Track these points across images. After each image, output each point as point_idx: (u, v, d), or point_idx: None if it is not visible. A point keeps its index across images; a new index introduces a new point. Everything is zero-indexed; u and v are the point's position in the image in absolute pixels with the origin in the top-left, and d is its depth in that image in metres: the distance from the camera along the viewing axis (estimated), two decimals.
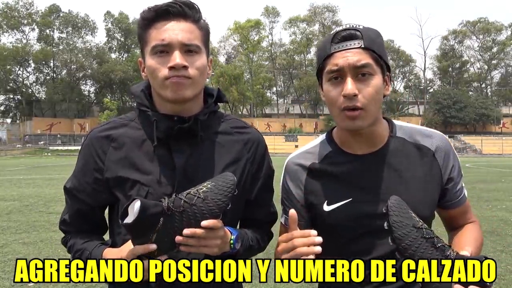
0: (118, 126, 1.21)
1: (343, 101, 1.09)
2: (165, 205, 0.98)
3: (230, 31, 61.51)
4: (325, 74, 1.14)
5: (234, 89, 54.69)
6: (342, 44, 1.10)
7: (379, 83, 1.11)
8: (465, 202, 1.28)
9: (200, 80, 1.14)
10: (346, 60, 1.08)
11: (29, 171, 19.44)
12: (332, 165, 1.22)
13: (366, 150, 1.20)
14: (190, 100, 1.15)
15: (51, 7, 58.08)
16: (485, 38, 63.49)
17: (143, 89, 1.21)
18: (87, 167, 1.20)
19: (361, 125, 1.11)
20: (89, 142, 1.20)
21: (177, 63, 1.08)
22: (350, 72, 1.08)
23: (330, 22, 62.53)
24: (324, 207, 1.20)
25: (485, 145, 48.12)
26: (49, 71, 59.67)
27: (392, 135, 1.22)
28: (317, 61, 1.19)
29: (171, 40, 1.09)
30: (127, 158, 1.17)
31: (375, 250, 1.17)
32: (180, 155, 1.16)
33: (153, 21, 1.12)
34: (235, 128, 1.27)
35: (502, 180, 14.90)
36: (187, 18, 1.12)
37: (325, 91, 1.15)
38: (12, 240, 5.76)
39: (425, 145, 1.22)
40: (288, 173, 1.29)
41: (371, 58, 1.10)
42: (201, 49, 1.14)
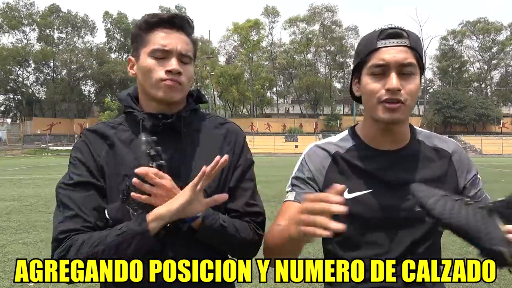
0: (108, 128, 1.28)
1: (385, 94, 1.13)
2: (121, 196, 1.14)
3: (230, 32, 61.59)
4: (368, 67, 1.17)
5: (234, 89, 54.72)
6: (390, 40, 1.14)
7: (418, 83, 1.16)
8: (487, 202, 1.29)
9: (188, 87, 1.27)
10: (394, 56, 1.12)
11: (29, 171, 19.45)
12: (356, 157, 1.26)
13: (390, 147, 1.24)
14: (176, 103, 1.25)
15: (51, 7, 58.09)
16: (485, 38, 63.49)
17: (129, 93, 1.32)
18: (86, 158, 1.22)
19: (399, 118, 1.15)
20: (85, 137, 1.27)
21: (174, 68, 1.19)
22: (395, 69, 1.12)
23: (330, 22, 62.58)
24: (345, 194, 1.21)
25: (485, 145, 48.11)
26: (49, 71, 59.69)
27: (413, 137, 1.28)
28: (358, 55, 1.21)
29: (172, 47, 1.20)
30: (119, 155, 1.22)
31: (391, 242, 1.19)
32: (166, 151, 1.20)
33: (156, 26, 1.22)
34: (215, 124, 1.35)
35: (502, 180, 14.90)
36: (185, 31, 1.25)
37: (365, 84, 1.18)
38: (12, 240, 5.77)
39: (443, 148, 1.28)
40: (310, 156, 1.30)
41: (415, 58, 1.14)
42: (192, 60, 1.27)
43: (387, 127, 1.20)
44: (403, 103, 1.13)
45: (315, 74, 62.19)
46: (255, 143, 45.58)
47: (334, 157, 1.27)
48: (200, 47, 58.66)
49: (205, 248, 1.20)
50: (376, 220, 1.20)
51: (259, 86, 59.26)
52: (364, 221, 1.20)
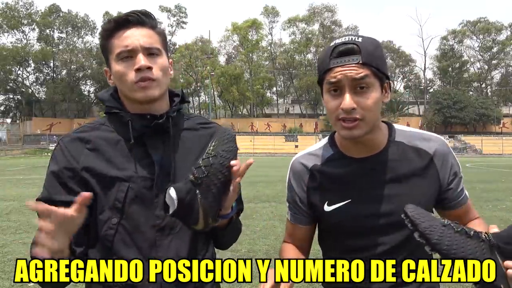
0: (89, 130, 1.25)
1: (341, 113, 1.13)
2: (192, 179, 1.05)
3: (229, 32, 61.59)
4: (325, 85, 1.17)
5: (234, 89, 54.72)
6: (341, 59, 1.12)
7: (377, 95, 1.14)
8: (467, 201, 1.32)
9: (164, 80, 1.23)
10: (345, 75, 1.11)
11: (29, 171, 19.46)
12: (333, 167, 1.27)
13: (365, 154, 1.24)
14: (158, 99, 1.23)
15: (51, 7, 58.09)
16: (485, 38, 63.45)
17: (112, 93, 1.28)
18: (61, 172, 1.18)
19: (359, 134, 1.15)
20: (61, 146, 1.22)
21: (142, 65, 1.17)
22: (348, 86, 1.12)
23: (330, 22, 62.57)
24: (325, 208, 1.26)
25: (485, 145, 48.11)
26: (49, 71, 59.70)
27: (391, 140, 1.26)
28: (318, 71, 1.22)
29: (134, 45, 1.18)
30: (104, 157, 1.20)
31: (374, 248, 1.21)
32: (156, 151, 1.22)
33: (114, 30, 1.21)
34: (200, 124, 1.36)
35: (502, 180, 14.91)
36: (145, 25, 1.22)
37: (325, 101, 1.20)
38: (12, 240, 5.77)
39: (423, 149, 1.26)
40: (293, 172, 1.35)
41: (370, 71, 1.12)
42: (161, 51, 1.23)
43: (354, 140, 1.20)
44: (361, 120, 1.13)
45: (315, 74, 61.93)
46: (255, 143, 45.60)
47: (311, 172, 1.30)
48: (200, 47, 58.67)
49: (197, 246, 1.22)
50: (356, 228, 1.23)
51: (259, 86, 59.26)
52: (347, 230, 1.24)
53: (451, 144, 41.05)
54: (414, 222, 0.96)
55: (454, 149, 47.26)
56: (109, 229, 1.16)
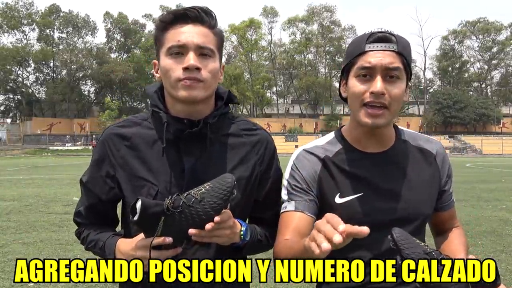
0: (131, 125, 1.25)
1: (368, 97, 1.14)
2: (165, 205, 1.01)
3: (227, 33, 61.48)
4: (355, 69, 1.17)
5: (234, 89, 54.67)
6: (378, 44, 1.14)
7: (403, 88, 1.17)
8: (453, 205, 1.37)
9: (212, 83, 1.17)
10: (380, 60, 1.12)
11: (29, 171, 19.44)
12: (344, 161, 1.26)
13: (376, 149, 1.25)
14: (201, 101, 1.17)
15: (51, 7, 58.08)
16: (485, 38, 63.46)
17: (156, 90, 1.25)
18: (101, 162, 1.24)
19: (382, 123, 1.16)
20: (104, 138, 1.25)
21: (191, 64, 1.11)
22: (381, 72, 1.13)
23: (329, 22, 62.57)
24: (336, 199, 1.23)
25: (485, 145, 48.11)
26: (49, 71, 59.72)
27: (399, 138, 1.29)
28: (347, 57, 1.22)
29: (187, 41, 1.12)
30: (139, 157, 1.20)
31: (382, 244, 1.20)
32: (189, 157, 1.19)
33: (170, 24, 1.16)
34: (244, 130, 1.29)
35: (502, 180, 14.90)
36: (203, 23, 1.16)
37: (351, 85, 1.18)
38: (12, 240, 5.76)
39: (427, 149, 1.29)
40: (300, 162, 1.28)
41: (402, 63, 1.15)
42: (215, 53, 1.17)
43: (371, 131, 1.22)
44: (387, 108, 1.14)
45: (315, 74, 62.13)
46: None
47: (324, 161, 1.26)
48: None
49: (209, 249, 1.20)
50: (366, 223, 1.19)
51: (259, 86, 59.24)
52: (357, 224, 1.19)
53: (451, 144, 40.95)
54: (399, 247, 0.99)
55: (454, 149, 47.34)
56: (137, 231, 1.15)
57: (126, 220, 1.26)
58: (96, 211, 1.28)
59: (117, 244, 1.17)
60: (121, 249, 1.15)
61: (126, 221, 1.25)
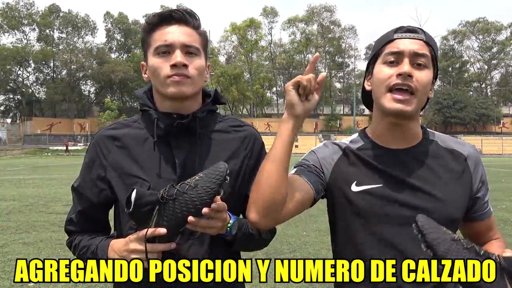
0: (122, 126, 1.29)
1: (395, 79, 1.13)
2: (159, 194, 1.03)
3: (228, 32, 61.55)
4: (383, 56, 1.18)
5: (234, 89, 54.69)
6: (406, 33, 1.17)
7: (431, 77, 1.16)
8: (491, 215, 1.27)
9: (199, 80, 1.22)
10: (407, 45, 1.14)
11: (29, 171, 19.44)
12: (366, 154, 1.24)
13: (400, 145, 1.22)
14: (189, 98, 1.22)
15: (51, 7, 58.10)
16: (485, 38, 63.50)
17: (145, 91, 1.31)
18: (92, 165, 1.26)
19: (408, 110, 1.13)
20: (95, 141, 1.28)
21: (178, 61, 1.16)
22: (409, 57, 1.14)
23: (329, 22, 62.62)
24: (352, 187, 1.20)
25: (485, 145, 48.07)
26: (49, 71, 59.73)
27: (426, 137, 1.25)
28: (374, 49, 1.23)
29: (174, 40, 1.18)
30: (130, 156, 1.23)
31: (399, 236, 1.15)
32: (180, 151, 1.21)
33: (157, 25, 1.21)
34: (232, 126, 1.33)
35: (502, 180, 14.90)
36: (188, 24, 1.22)
37: (377, 71, 1.18)
38: (12, 240, 5.76)
39: (458, 150, 1.24)
40: (320, 148, 1.30)
41: (429, 52, 1.16)
42: (200, 51, 1.23)
43: (395, 122, 1.18)
44: (413, 94, 1.12)
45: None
46: None
47: (344, 151, 1.26)
48: None
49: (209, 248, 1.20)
50: (383, 215, 1.16)
51: (259, 86, 59.25)
52: (373, 215, 1.17)
53: None
54: (423, 232, 0.94)
55: None
56: (130, 229, 1.17)
57: (119, 223, 1.27)
58: (88, 216, 1.29)
59: (110, 244, 1.18)
60: (114, 247, 1.15)
61: (120, 224, 1.26)
